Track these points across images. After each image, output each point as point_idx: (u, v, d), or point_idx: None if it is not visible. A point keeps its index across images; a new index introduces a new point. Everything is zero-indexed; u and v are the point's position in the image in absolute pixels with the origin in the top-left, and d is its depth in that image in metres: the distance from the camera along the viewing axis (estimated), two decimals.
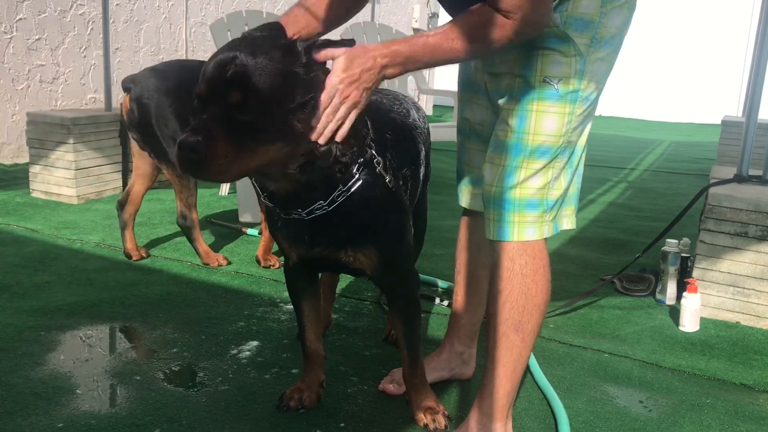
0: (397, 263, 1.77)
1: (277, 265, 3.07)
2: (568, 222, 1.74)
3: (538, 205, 1.62)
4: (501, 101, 1.64)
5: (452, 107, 3.40)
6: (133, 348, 2.25)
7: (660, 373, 2.26)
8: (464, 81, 1.90)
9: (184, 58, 6.92)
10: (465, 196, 1.96)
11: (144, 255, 3.15)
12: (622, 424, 1.91)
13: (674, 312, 2.73)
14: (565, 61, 1.55)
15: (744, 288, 2.69)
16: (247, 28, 4.07)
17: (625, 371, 2.24)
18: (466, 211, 2.00)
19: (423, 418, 1.83)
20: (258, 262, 3.13)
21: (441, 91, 7.61)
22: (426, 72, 13.25)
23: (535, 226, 1.63)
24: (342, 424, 1.83)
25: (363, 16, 9.41)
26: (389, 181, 1.66)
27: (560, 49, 1.55)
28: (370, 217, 1.66)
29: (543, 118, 1.57)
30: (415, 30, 12.76)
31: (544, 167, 1.59)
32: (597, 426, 1.90)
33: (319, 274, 1.99)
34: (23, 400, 1.86)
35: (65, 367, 2.08)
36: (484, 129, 1.82)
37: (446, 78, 10.72)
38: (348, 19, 1.82)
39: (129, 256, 3.12)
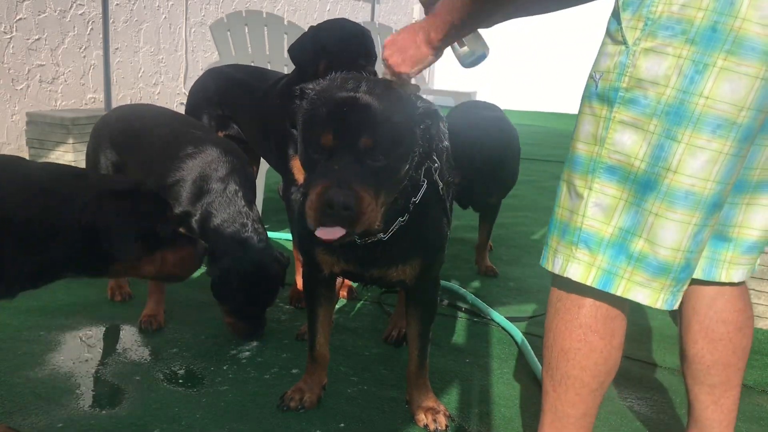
0: (433, 269, 1.80)
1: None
2: (646, 297, 1.27)
3: (564, 230, 1.30)
4: None
5: (451, 108, 3.39)
6: (133, 348, 2.25)
7: (660, 373, 2.26)
8: None
9: (184, 58, 6.92)
10: None
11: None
12: (622, 424, 1.91)
13: (674, 312, 2.73)
14: (610, 51, 1.22)
15: None
16: (247, 29, 4.07)
17: (625, 371, 2.24)
18: None
19: (423, 419, 1.83)
20: None
21: (441, 91, 7.61)
22: (426, 72, 13.23)
23: (560, 256, 1.31)
24: (342, 424, 1.83)
25: (363, 16, 9.41)
26: (441, 189, 1.68)
27: (612, 34, 1.23)
28: (424, 235, 1.69)
29: (580, 121, 1.29)
30: None
31: (574, 184, 1.29)
32: (597, 426, 1.89)
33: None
34: (23, 400, 1.86)
35: (65, 367, 2.08)
36: None
37: (446, 78, 10.72)
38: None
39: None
